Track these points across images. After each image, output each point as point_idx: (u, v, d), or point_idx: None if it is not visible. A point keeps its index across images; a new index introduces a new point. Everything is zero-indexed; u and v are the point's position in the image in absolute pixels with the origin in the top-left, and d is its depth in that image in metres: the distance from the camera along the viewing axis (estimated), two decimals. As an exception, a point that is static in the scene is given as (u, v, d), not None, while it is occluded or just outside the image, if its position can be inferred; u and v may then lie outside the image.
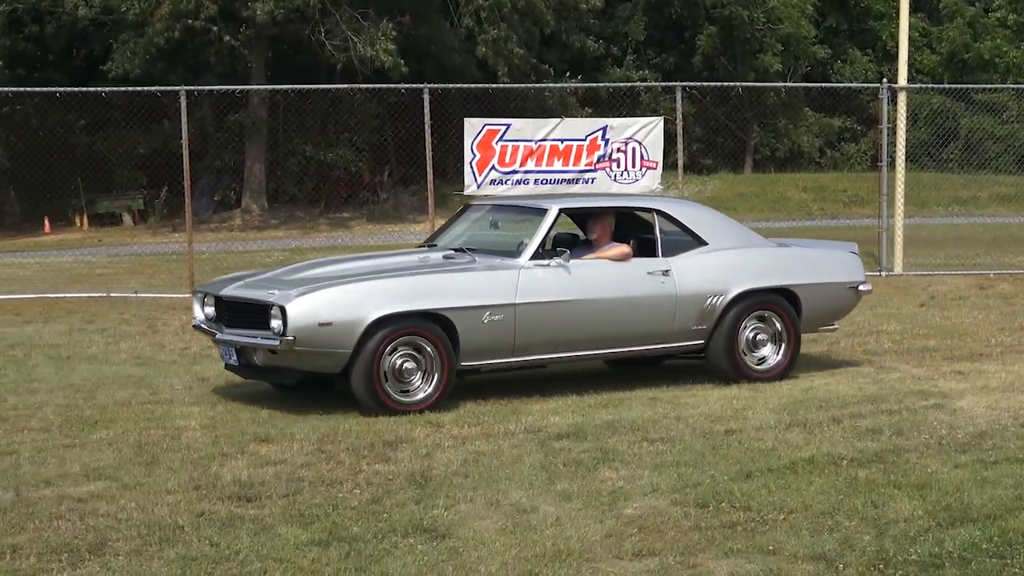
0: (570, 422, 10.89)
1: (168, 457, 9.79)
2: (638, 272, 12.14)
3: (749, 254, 12.89)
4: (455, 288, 11.52)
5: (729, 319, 12.29)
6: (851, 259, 13.45)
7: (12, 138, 43.56)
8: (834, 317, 13.44)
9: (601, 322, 12.02)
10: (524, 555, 7.21)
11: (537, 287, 11.68)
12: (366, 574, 6.91)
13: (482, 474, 9.15)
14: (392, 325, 11.03)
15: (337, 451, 9.91)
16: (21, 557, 7.29)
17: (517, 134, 23.33)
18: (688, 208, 13.36)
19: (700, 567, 7.00)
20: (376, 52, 38.51)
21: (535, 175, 23.24)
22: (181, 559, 7.19)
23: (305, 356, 10.99)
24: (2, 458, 9.82)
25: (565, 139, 23.29)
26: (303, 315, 10.80)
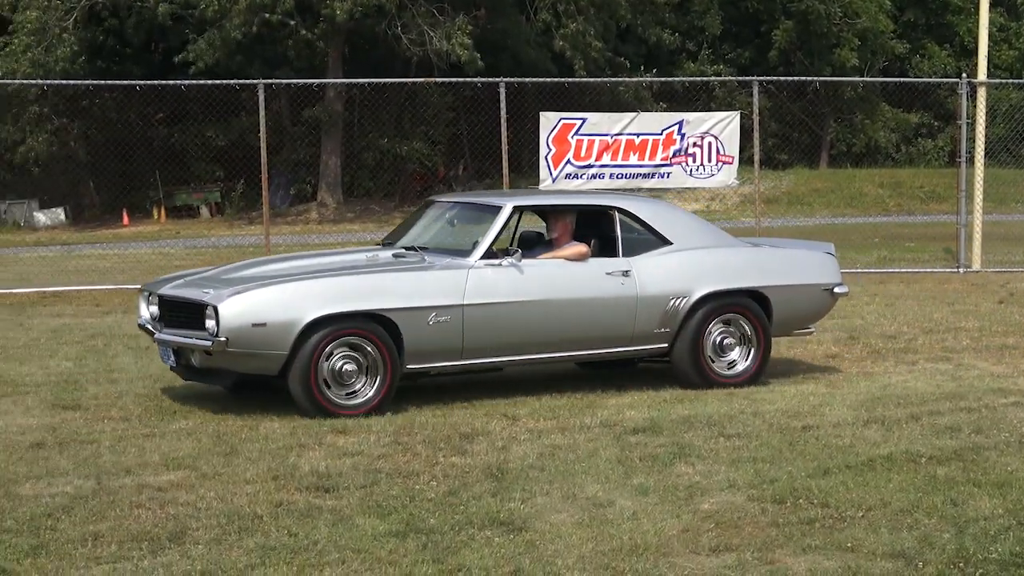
0: (646, 416, 10.81)
1: (246, 447, 9.83)
2: (596, 272, 11.67)
3: (715, 254, 12.37)
4: (398, 288, 11.08)
5: (694, 322, 11.77)
6: (827, 260, 12.87)
7: (91, 131, 43.94)
8: (809, 320, 12.87)
9: (556, 324, 11.52)
10: (601, 549, 7.19)
11: (487, 287, 11.22)
12: (443, 566, 6.90)
13: (558, 468, 9.11)
14: (330, 326, 10.63)
15: (414, 443, 9.91)
16: (102, 545, 7.34)
17: (593, 128, 23.30)
18: (652, 206, 12.82)
19: (778, 563, 6.94)
20: (452, 46, 38.54)
21: (610, 169, 23.22)
22: (260, 548, 7.22)
23: (239, 358, 10.64)
24: (83, 447, 9.89)
25: (641, 133, 23.24)
26: (236, 315, 10.43)
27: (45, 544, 7.37)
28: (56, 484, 8.77)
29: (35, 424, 10.68)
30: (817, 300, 12.58)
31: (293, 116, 44.32)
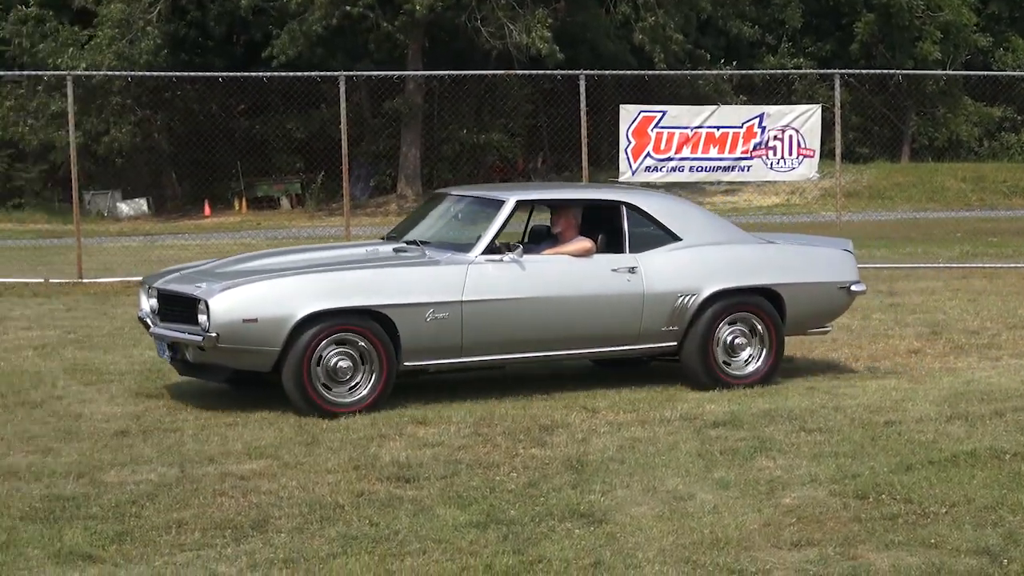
0: (726, 410, 10.75)
1: (328, 437, 9.88)
2: (601, 268, 11.35)
3: (726, 251, 12.00)
4: (395, 284, 10.83)
5: (703, 320, 11.45)
6: (843, 257, 12.43)
7: (174, 123, 44.28)
8: (825, 319, 12.46)
9: (558, 322, 11.24)
10: (682, 542, 7.16)
11: (487, 284, 10.95)
12: (523, 557, 6.89)
13: (638, 460, 9.08)
14: (324, 322, 10.42)
15: (493, 434, 9.92)
16: (186, 532, 7.41)
17: (673, 121, 23.24)
18: (661, 201, 12.50)
19: (860, 559, 6.87)
20: (532, 39, 38.50)
21: (690, 162, 23.18)
22: (342, 537, 7.25)
23: (232, 353, 10.52)
24: (167, 435, 10.00)
25: (721, 126, 23.17)
26: (227, 310, 10.26)
27: (130, 531, 7.45)
28: (140, 472, 8.86)
29: (119, 412, 10.80)
30: (833, 298, 12.24)
31: (373, 108, 44.47)
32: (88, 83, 38.98)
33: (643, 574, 6.63)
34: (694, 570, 6.70)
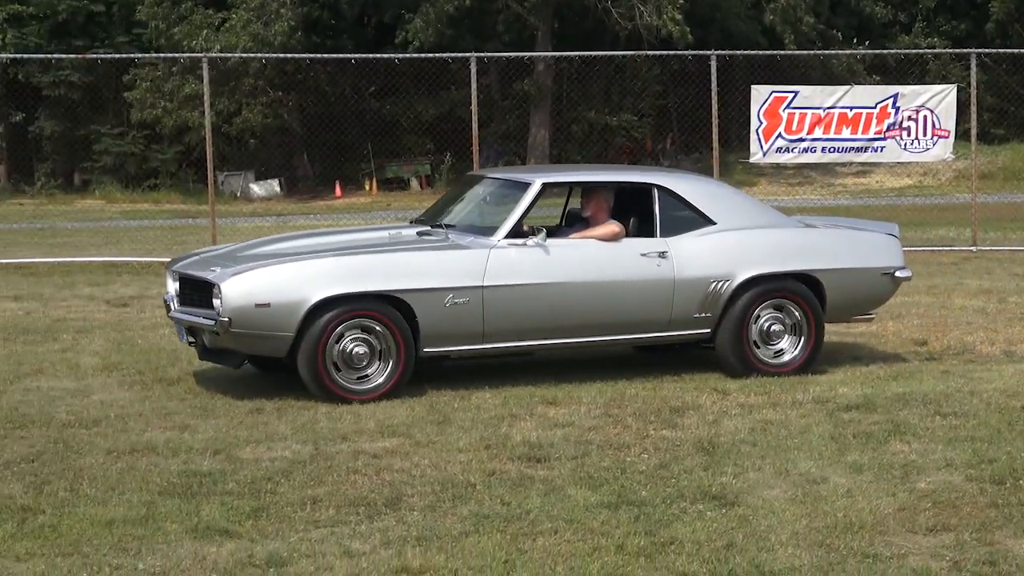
0: (859, 393, 10.65)
1: (459, 416, 9.95)
2: (629, 253, 11.04)
3: (763, 235, 11.59)
4: (413, 268, 10.61)
5: (738, 307, 11.10)
6: (888, 242, 11.99)
7: (306, 104, 44.64)
8: (868, 306, 11.99)
9: (584, 308, 10.94)
10: (815, 525, 7.11)
11: (509, 268, 10.68)
12: (655, 538, 6.87)
13: (770, 443, 9.04)
14: (340, 307, 10.25)
15: (624, 415, 9.91)
16: (321, 508, 7.49)
17: (805, 101, 23.03)
18: (695, 183, 12.10)
19: (997, 545, 6.77)
20: (663, 20, 38.35)
21: (822, 143, 22.95)
22: (473, 516, 7.29)
23: (245, 339, 10.35)
24: (300, 412, 10.12)
25: (854, 107, 22.90)
26: (238, 295, 10.12)
27: (266, 507, 7.55)
28: (275, 449, 8.99)
29: (254, 390, 10.90)
30: (876, 284, 11.80)
31: (503, 89, 44.55)
32: (222, 65, 39.42)
33: (776, 557, 6.58)
34: (827, 554, 6.64)
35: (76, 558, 6.69)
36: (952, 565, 6.50)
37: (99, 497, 7.81)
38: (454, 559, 6.61)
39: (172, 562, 6.63)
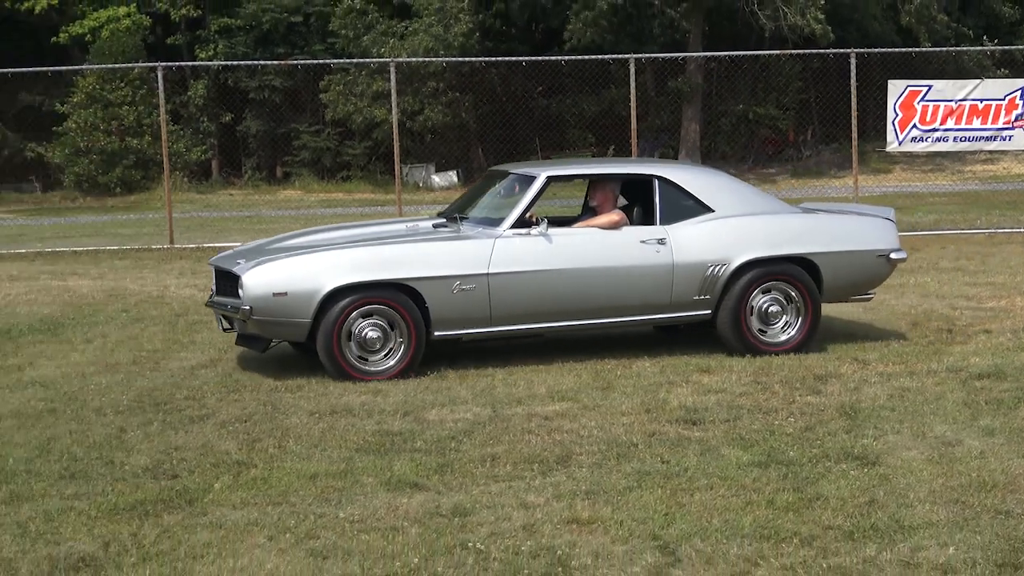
0: (990, 363, 10.40)
1: (621, 383, 9.96)
2: (630, 240, 10.72)
3: (759, 221, 11.13)
4: (421, 257, 10.44)
5: (736, 289, 10.75)
6: (884, 225, 11.51)
7: (480, 103, 44.87)
8: (865, 287, 11.55)
9: (586, 292, 10.65)
10: (950, 484, 7.01)
11: (514, 256, 10.43)
12: (802, 494, 6.83)
13: (907, 408, 8.91)
14: (353, 295, 10.12)
15: (771, 383, 9.83)
16: (499, 465, 7.57)
17: (938, 95, 22.71)
18: (694, 173, 11.76)
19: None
20: (807, 20, 37.95)
21: (954, 133, 22.65)
22: (636, 473, 7.31)
23: (267, 325, 10.29)
24: (479, 379, 10.21)
25: (984, 99, 22.55)
26: (257, 285, 10.11)
27: (450, 463, 7.65)
28: (458, 411, 9.08)
29: (437, 360, 10.96)
30: (871, 266, 11.31)
31: (657, 87, 44.31)
32: (406, 68, 39.81)
33: (914, 513, 6.50)
34: (963, 511, 6.55)
35: (284, 507, 6.85)
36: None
37: (303, 453, 8.02)
38: (619, 511, 6.65)
39: (369, 511, 6.75)
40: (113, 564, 6.03)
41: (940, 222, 24.15)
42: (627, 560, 5.96)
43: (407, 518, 6.62)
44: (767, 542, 6.15)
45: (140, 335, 12.77)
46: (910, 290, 14.68)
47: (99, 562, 6.05)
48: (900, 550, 6.02)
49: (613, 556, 6.01)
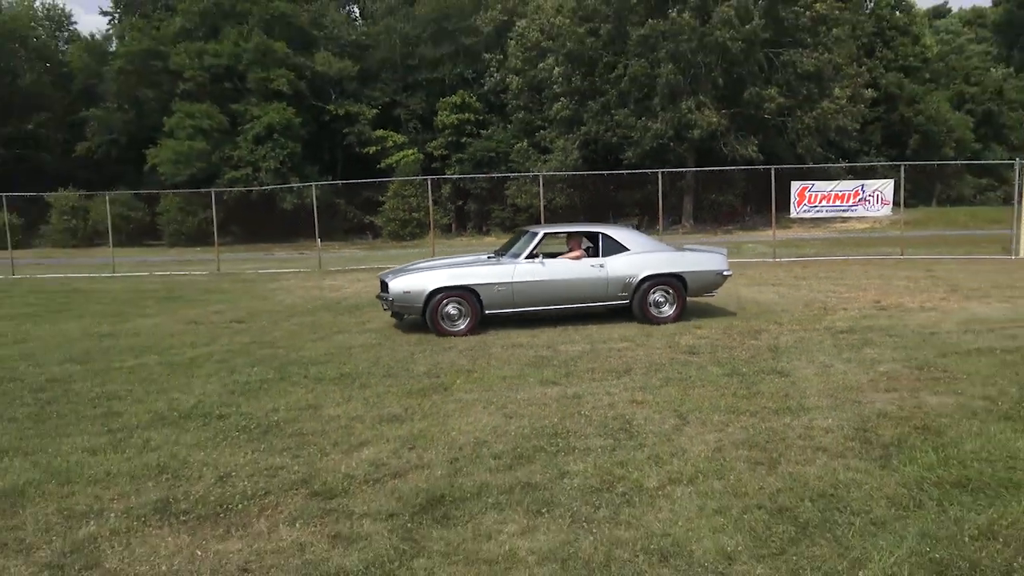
0: (847, 325, 9.78)
1: (656, 333, 9.61)
2: (585, 265, 10.32)
3: (654, 255, 10.55)
4: (480, 274, 10.02)
5: (641, 290, 10.31)
6: (720, 257, 10.87)
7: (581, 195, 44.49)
8: (710, 289, 10.87)
9: (564, 291, 10.19)
10: (828, 387, 6.67)
11: (526, 273, 10.07)
12: (750, 391, 6.59)
13: (803, 348, 8.42)
14: (443, 292, 9.84)
15: (733, 333, 9.41)
16: (595, 372, 7.40)
17: (817, 188, 21.85)
18: (621, 231, 10.93)
19: (920, 398, 6.24)
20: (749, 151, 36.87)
21: (826, 208, 21.75)
22: (664, 378, 7.12)
23: (401, 307, 10.04)
24: (583, 331, 9.90)
25: (841, 190, 21.67)
26: (395, 287, 9.96)
27: (571, 371, 7.49)
28: (574, 346, 8.80)
29: (559, 321, 10.79)
30: (713, 279, 10.73)
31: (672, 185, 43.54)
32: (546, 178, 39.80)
33: (809, 401, 6.26)
34: (835, 401, 6.28)
35: (490, 392, 6.83)
36: (897, 408, 6.07)
37: (499, 365, 7.94)
38: (656, 397, 6.51)
39: (532, 394, 6.71)
40: (409, 418, 6.11)
41: (818, 253, 23.28)
42: (661, 421, 5.86)
43: (550, 398, 6.56)
44: (732, 414, 5.99)
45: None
46: (803, 288, 14.16)
47: (401, 418, 6.13)
48: (802, 420, 5.82)
49: (653, 420, 5.90)
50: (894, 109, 48.22)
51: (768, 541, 3.91)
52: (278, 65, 43.44)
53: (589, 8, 38.89)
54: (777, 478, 4.68)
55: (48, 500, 4.52)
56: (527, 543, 3.91)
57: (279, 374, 7.70)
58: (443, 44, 47.97)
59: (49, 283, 20.16)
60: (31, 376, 7.84)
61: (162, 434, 5.74)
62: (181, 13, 45.62)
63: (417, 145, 46.84)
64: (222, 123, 43.02)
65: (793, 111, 38.38)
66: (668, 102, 37.43)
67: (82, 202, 43.84)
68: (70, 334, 10.74)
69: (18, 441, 5.64)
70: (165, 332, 10.71)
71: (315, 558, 3.79)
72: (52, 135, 50.94)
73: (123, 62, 46.34)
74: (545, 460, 5.04)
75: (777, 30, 37.40)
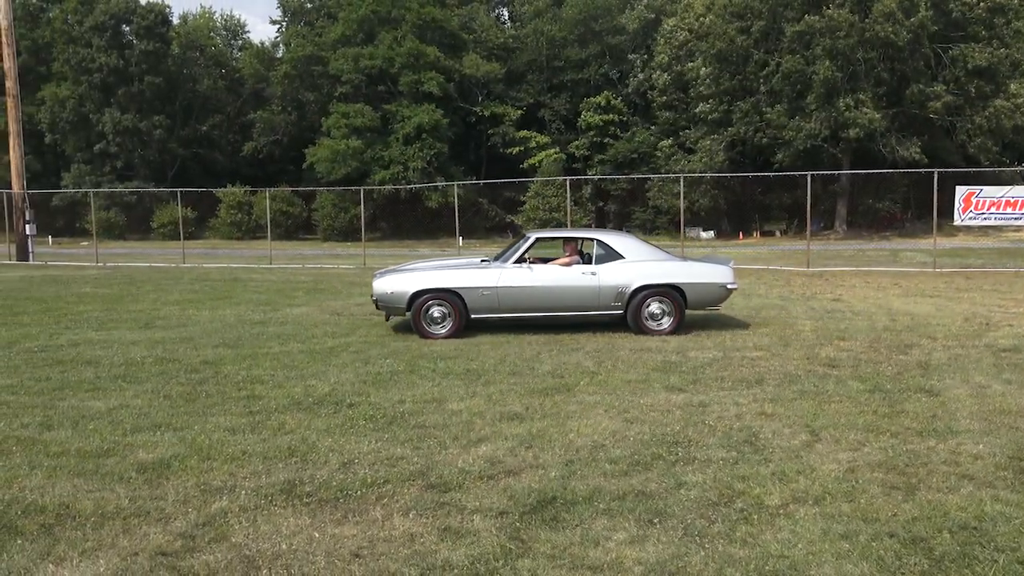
0: (1012, 343, 8.96)
1: (794, 342, 9.19)
2: (576, 272, 9.84)
3: (651, 264, 9.97)
4: (465, 277, 9.78)
5: (636, 300, 9.76)
6: (725, 269, 10.12)
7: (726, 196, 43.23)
8: (714, 303, 10.14)
9: (552, 298, 9.77)
10: (984, 409, 6.15)
11: (512, 278, 9.74)
12: (893, 409, 6.15)
13: (957, 365, 7.82)
14: (427, 294, 9.68)
15: (879, 347, 8.84)
16: (725, 381, 7.17)
17: (985, 194, 20.13)
18: (616, 236, 10.35)
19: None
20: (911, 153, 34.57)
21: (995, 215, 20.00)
22: (799, 391, 6.78)
23: (386, 306, 9.89)
24: (716, 337, 9.64)
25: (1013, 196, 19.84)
26: (379, 286, 9.87)
27: (698, 379, 7.30)
28: (705, 352, 8.61)
29: (689, 328, 10.61)
30: (715, 291, 10.00)
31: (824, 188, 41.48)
32: (688, 179, 38.91)
33: (959, 423, 5.78)
34: (988, 424, 5.76)
35: (613, 396, 6.72)
36: None
37: (624, 369, 7.82)
38: (788, 411, 6.21)
39: (656, 401, 6.56)
40: (529, 418, 6.13)
41: (984, 264, 21.47)
42: (790, 436, 5.57)
43: (674, 405, 6.39)
44: (871, 433, 5.62)
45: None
46: (964, 301, 13.10)
47: (521, 416, 6.15)
48: (949, 444, 5.38)
49: (782, 434, 5.63)
50: (1082, 107, 43.75)
51: (897, 573, 3.63)
52: (428, 68, 44.83)
53: (742, 5, 37.66)
54: (914, 505, 4.34)
55: (189, 474, 4.86)
56: (635, 552, 3.82)
57: (409, 367, 7.93)
58: (589, 45, 47.91)
59: (213, 272, 21.72)
60: (188, 358, 8.47)
61: (296, 418, 6.05)
62: (341, 20, 47.94)
63: (560, 145, 47.07)
64: (375, 122, 44.89)
65: (963, 110, 35.60)
66: (823, 100, 35.64)
67: (247, 198, 47.05)
68: (226, 320, 11.53)
69: (169, 417, 6.11)
70: (310, 322, 11.28)
71: (424, 549, 3.86)
72: (224, 136, 54.94)
73: (288, 67, 49.36)
74: (662, 469, 4.91)
75: (947, 23, 34.80)
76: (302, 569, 3.67)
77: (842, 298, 13.70)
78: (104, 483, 4.69)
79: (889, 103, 36.25)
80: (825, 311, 11.95)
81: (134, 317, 11.87)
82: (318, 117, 48.72)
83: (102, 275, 20.75)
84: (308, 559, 3.76)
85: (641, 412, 6.19)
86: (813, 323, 10.72)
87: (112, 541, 3.95)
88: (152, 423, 5.93)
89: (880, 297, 13.87)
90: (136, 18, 50.29)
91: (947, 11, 34.43)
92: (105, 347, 9.14)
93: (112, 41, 49.80)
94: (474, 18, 51.04)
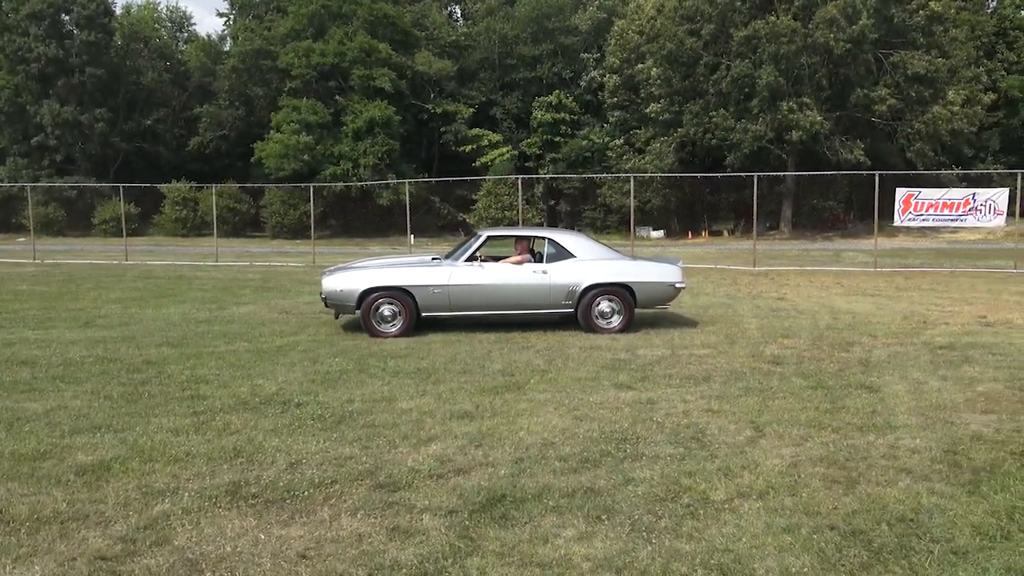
0: (948, 341, 9.21)
1: (740, 341, 9.37)
2: (527, 271, 9.88)
3: (601, 263, 10.03)
4: (415, 275, 9.76)
5: (587, 298, 9.85)
6: (674, 268, 10.23)
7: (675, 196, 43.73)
8: (663, 301, 10.26)
9: (502, 296, 9.79)
10: (920, 404, 6.31)
11: (463, 276, 9.74)
12: (834, 405, 6.30)
13: (896, 362, 8.02)
14: (377, 292, 9.64)
15: (822, 345, 9.05)
16: (673, 379, 7.25)
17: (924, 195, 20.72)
18: (567, 235, 10.38)
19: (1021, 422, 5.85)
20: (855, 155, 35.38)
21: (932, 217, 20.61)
22: (744, 388, 6.90)
23: (335, 304, 9.86)
24: (665, 335, 9.74)
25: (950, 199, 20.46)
26: (329, 284, 9.82)
27: (647, 376, 7.35)
28: (653, 350, 8.69)
29: (641, 326, 10.67)
30: (664, 290, 10.13)
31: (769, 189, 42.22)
32: (640, 179, 39.19)
33: (897, 419, 5.94)
34: (925, 420, 5.93)
35: (563, 393, 6.72)
36: (994, 431, 5.68)
37: (574, 367, 7.86)
38: (734, 408, 6.31)
39: (604, 398, 6.61)
40: (479, 416, 6.12)
41: (923, 264, 22.11)
42: (735, 432, 5.67)
43: (623, 403, 6.45)
44: (813, 429, 5.75)
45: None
46: (903, 300, 13.49)
47: (471, 415, 6.14)
48: (887, 439, 5.52)
49: (728, 430, 5.72)
50: (1015, 114, 45.39)
51: (837, 565, 3.71)
52: (380, 64, 44.43)
53: (692, 8, 38.13)
54: (854, 499, 4.45)
55: (130, 476, 4.74)
56: (583, 549, 3.84)
57: (359, 365, 7.85)
58: (541, 43, 48.04)
59: (157, 270, 21.22)
60: (129, 357, 8.25)
61: (242, 418, 5.94)
62: (291, 14, 47.23)
63: (511, 144, 47.09)
64: (325, 117, 44.31)
65: (903, 114, 36.62)
66: (768, 103, 36.30)
67: (192, 194, 46.04)
68: (170, 319, 11.27)
69: (110, 418, 5.94)
70: (257, 320, 11.09)
71: (372, 549, 3.82)
72: (168, 130, 53.66)
73: (236, 61, 48.44)
74: (611, 465, 4.95)
75: (888, 30, 35.74)
76: (247, 571, 3.60)
77: (786, 297, 13.98)
78: (40, 486, 4.55)
79: (833, 106, 37.10)
80: (770, 310, 12.16)
81: (73, 315, 11.53)
82: (267, 112, 47.92)
83: (40, 272, 20.12)
84: (253, 561, 3.69)
85: (590, 410, 6.23)
86: (759, 321, 10.90)
87: (48, 546, 3.83)
88: (91, 424, 5.76)
89: (823, 296, 14.19)
90: (77, 7, 48.81)
91: (888, 18, 35.35)
92: (42, 346, 8.86)
93: (51, 30, 48.25)
94: (426, 15, 50.76)
